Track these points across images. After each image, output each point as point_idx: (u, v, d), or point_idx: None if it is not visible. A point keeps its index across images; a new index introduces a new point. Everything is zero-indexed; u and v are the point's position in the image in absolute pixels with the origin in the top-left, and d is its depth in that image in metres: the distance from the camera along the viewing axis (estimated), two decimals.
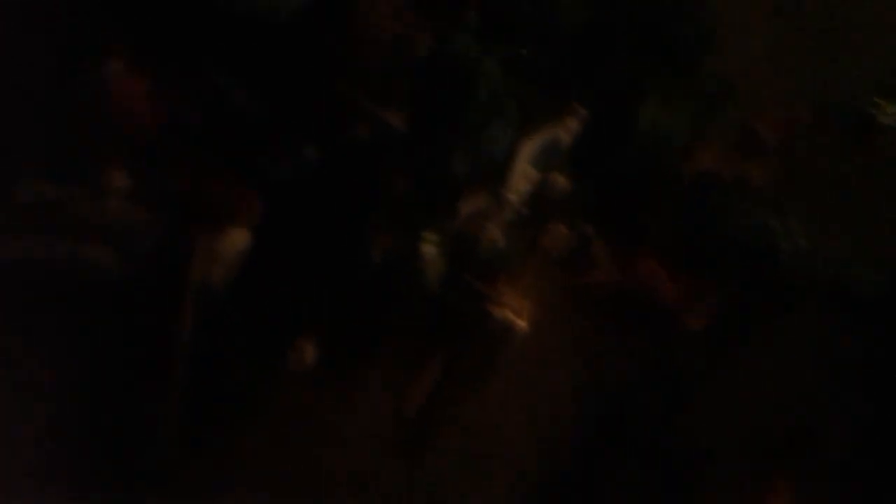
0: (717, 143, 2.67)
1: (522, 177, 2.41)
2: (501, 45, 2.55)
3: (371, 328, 2.26)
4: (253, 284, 2.14)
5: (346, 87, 2.37)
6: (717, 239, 2.51)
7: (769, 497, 2.27)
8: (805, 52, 2.83)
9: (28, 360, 2.06)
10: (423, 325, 2.29)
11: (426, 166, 2.40)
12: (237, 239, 2.16)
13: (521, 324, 2.30)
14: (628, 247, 2.47)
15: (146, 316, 2.07)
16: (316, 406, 2.21)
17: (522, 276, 2.39)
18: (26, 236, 2.10)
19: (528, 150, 2.44)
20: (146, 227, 2.15)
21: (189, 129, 2.26)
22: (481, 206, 2.38)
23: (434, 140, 2.43)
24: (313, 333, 2.15)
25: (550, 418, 2.31)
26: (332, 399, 2.22)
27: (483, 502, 2.24)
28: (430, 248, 2.31)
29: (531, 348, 2.34)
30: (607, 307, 2.41)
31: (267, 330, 2.13)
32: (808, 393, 2.43)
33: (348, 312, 2.22)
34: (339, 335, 2.20)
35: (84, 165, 2.15)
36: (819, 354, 2.47)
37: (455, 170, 2.42)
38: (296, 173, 2.30)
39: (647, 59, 2.65)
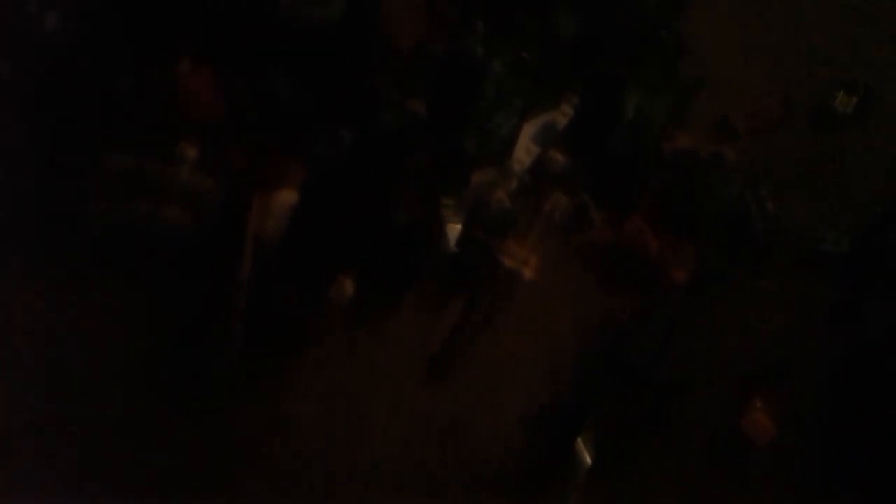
0: (695, 128, 3.07)
1: (525, 151, 2.83)
2: (506, 50, 3.00)
3: (401, 275, 2.65)
4: (302, 234, 2.55)
5: (376, 81, 2.82)
6: (695, 205, 2.89)
7: (749, 412, 2.58)
8: (772, 52, 3.27)
9: (119, 298, 2.47)
10: (446, 273, 2.67)
11: (443, 146, 2.82)
12: (286, 198, 2.57)
13: (528, 273, 2.67)
14: (619, 211, 2.85)
15: (214, 260, 2.48)
16: (355, 340, 2.58)
17: (528, 235, 2.76)
18: (116, 199, 2.54)
19: (530, 129, 2.87)
20: (212, 190, 2.58)
21: (247, 113, 2.71)
22: (491, 177, 2.79)
23: (450, 125, 2.86)
24: (352, 274, 2.54)
25: (555, 351, 2.65)
26: (369, 334, 2.59)
27: (497, 422, 2.56)
28: (447, 212, 2.71)
29: (538, 295, 2.70)
30: (602, 261, 2.78)
31: (313, 269, 2.52)
32: (781, 331, 2.75)
33: (382, 261, 2.60)
34: (375, 279, 2.58)
35: (161, 141, 2.60)
36: (790, 299, 2.81)
37: (467, 148, 2.84)
38: (335, 151, 2.72)
39: (631, 60, 3.08)
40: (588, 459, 2.48)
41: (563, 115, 2.91)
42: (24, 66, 2.58)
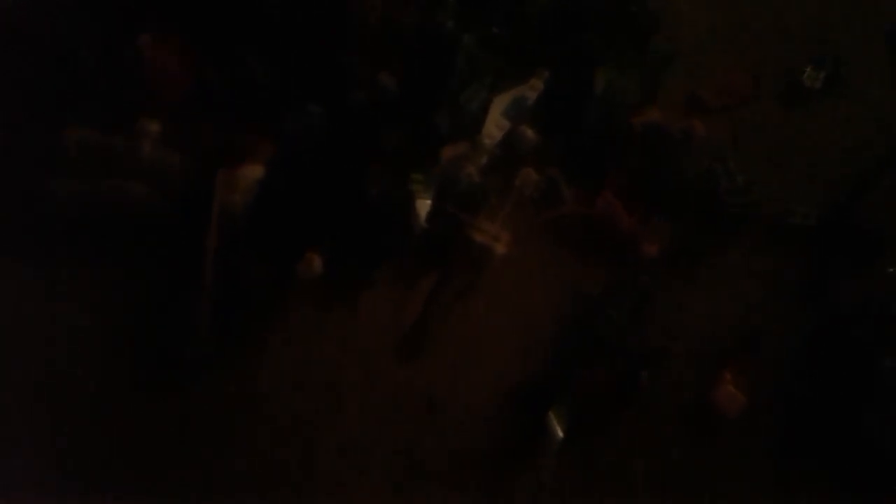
0: (665, 104, 3.07)
1: (495, 125, 2.81)
2: (477, 25, 2.97)
3: (371, 252, 2.62)
4: (269, 210, 2.51)
5: (345, 56, 2.78)
6: (665, 179, 2.89)
7: (719, 384, 2.59)
8: (742, 29, 3.28)
9: (83, 276, 2.42)
10: (417, 248, 2.65)
11: (413, 121, 2.79)
12: (252, 172, 2.54)
13: (500, 248, 2.65)
14: (590, 186, 2.84)
15: (181, 235, 2.43)
16: (326, 318, 2.56)
17: (500, 210, 2.74)
18: (77, 176, 2.48)
19: (500, 104, 2.85)
20: (177, 165, 2.53)
21: (213, 89, 2.66)
22: (461, 152, 2.77)
23: (420, 99, 2.83)
24: (320, 250, 2.50)
25: (528, 327, 2.64)
26: (340, 311, 2.57)
27: (471, 398, 2.55)
28: (417, 188, 2.69)
29: (511, 270, 2.69)
30: (574, 236, 2.78)
31: (280, 244, 2.48)
32: (751, 304, 2.77)
33: (351, 237, 2.57)
34: (345, 255, 2.55)
35: (123, 116, 2.54)
36: (760, 272, 2.82)
37: (438, 123, 2.81)
38: (303, 125, 2.68)
39: (602, 36, 3.07)
40: (560, 432, 2.48)
41: (532, 90, 2.89)
42: None
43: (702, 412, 2.61)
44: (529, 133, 2.87)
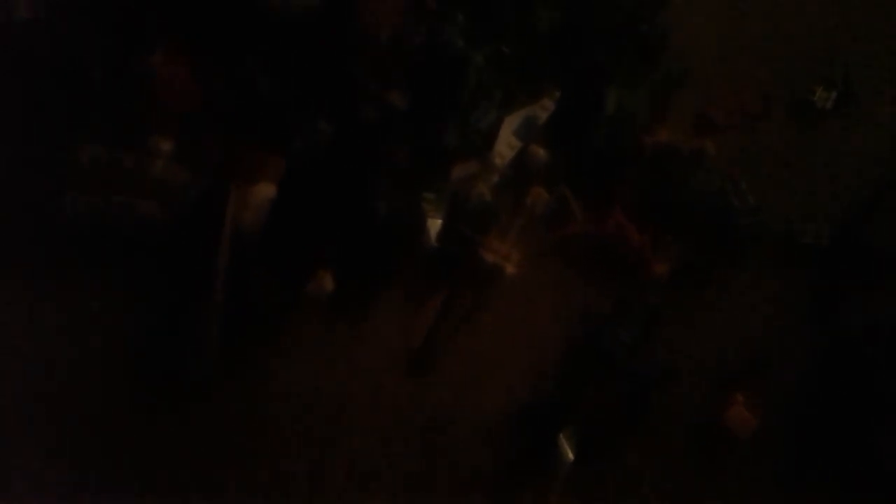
0: (675, 122, 3.07)
1: (506, 144, 2.80)
2: (486, 43, 2.97)
3: (381, 270, 2.62)
4: (280, 228, 2.51)
5: (355, 73, 2.78)
6: (676, 199, 2.89)
7: (730, 405, 2.58)
8: (752, 48, 3.28)
9: (92, 292, 2.41)
10: (427, 267, 2.64)
11: (423, 139, 2.79)
12: (264, 191, 2.53)
13: (510, 267, 2.65)
14: (601, 205, 2.83)
15: (191, 255, 2.42)
16: (334, 336, 2.54)
17: (510, 229, 2.74)
18: (88, 192, 2.47)
19: (511, 122, 2.85)
20: (187, 183, 2.53)
21: (223, 105, 2.66)
22: (471, 170, 2.76)
23: (430, 117, 2.83)
24: (331, 268, 2.50)
25: (536, 347, 2.63)
26: (348, 330, 2.56)
27: (478, 418, 2.53)
28: (427, 206, 2.68)
29: (520, 289, 2.68)
30: (584, 255, 2.77)
31: (292, 263, 2.48)
32: (762, 324, 2.76)
33: (361, 254, 2.57)
34: (355, 273, 2.54)
35: (134, 133, 2.54)
36: (771, 292, 2.81)
37: (448, 141, 2.81)
38: (313, 144, 2.68)
39: (612, 55, 3.07)
40: (570, 454, 2.46)
41: (543, 109, 2.89)
42: None
43: (712, 433, 2.59)
44: (541, 152, 2.87)
